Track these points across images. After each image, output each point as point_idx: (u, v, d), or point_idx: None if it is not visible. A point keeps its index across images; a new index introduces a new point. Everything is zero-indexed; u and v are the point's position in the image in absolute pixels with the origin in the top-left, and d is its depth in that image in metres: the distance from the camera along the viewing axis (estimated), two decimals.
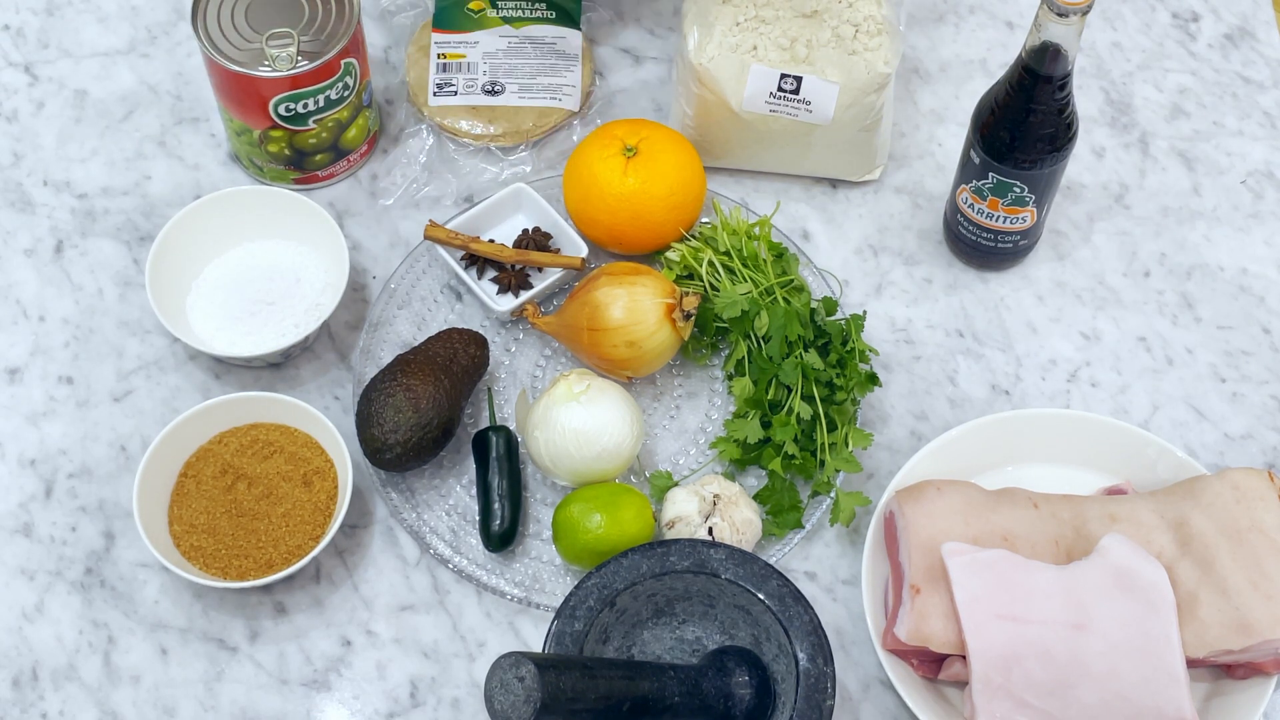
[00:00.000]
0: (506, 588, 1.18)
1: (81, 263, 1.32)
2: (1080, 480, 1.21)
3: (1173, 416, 1.28)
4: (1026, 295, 1.33)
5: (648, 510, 1.17)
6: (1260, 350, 1.31)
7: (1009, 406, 1.27)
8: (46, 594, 1.18)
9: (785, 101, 1.28)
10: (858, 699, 1.15)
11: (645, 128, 1.28)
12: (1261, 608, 1.09)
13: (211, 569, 1.16)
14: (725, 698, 1.05)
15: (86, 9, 1.45)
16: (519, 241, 1.30)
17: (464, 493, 1.22)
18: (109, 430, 1.24)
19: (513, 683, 0.92)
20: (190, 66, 1.42)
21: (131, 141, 1.38)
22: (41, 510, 1.21)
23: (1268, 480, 1.15)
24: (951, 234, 1.32)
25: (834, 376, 1.21)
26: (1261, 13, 1.48)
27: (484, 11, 1.41)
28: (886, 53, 1.27)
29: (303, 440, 1.21)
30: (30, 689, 1.15)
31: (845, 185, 1.37)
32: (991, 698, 1.07)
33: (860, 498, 1.18)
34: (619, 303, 1.20)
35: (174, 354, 1.28)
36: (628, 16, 1.46)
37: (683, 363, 1.28)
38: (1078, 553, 1.13)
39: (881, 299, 1.32)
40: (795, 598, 1.06)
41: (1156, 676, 1.08)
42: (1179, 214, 1.37)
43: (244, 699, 1.14)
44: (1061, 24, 1.11)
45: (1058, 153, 1.21)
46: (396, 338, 1.28)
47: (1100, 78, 1.44)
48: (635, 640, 1.11)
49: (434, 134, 1.37)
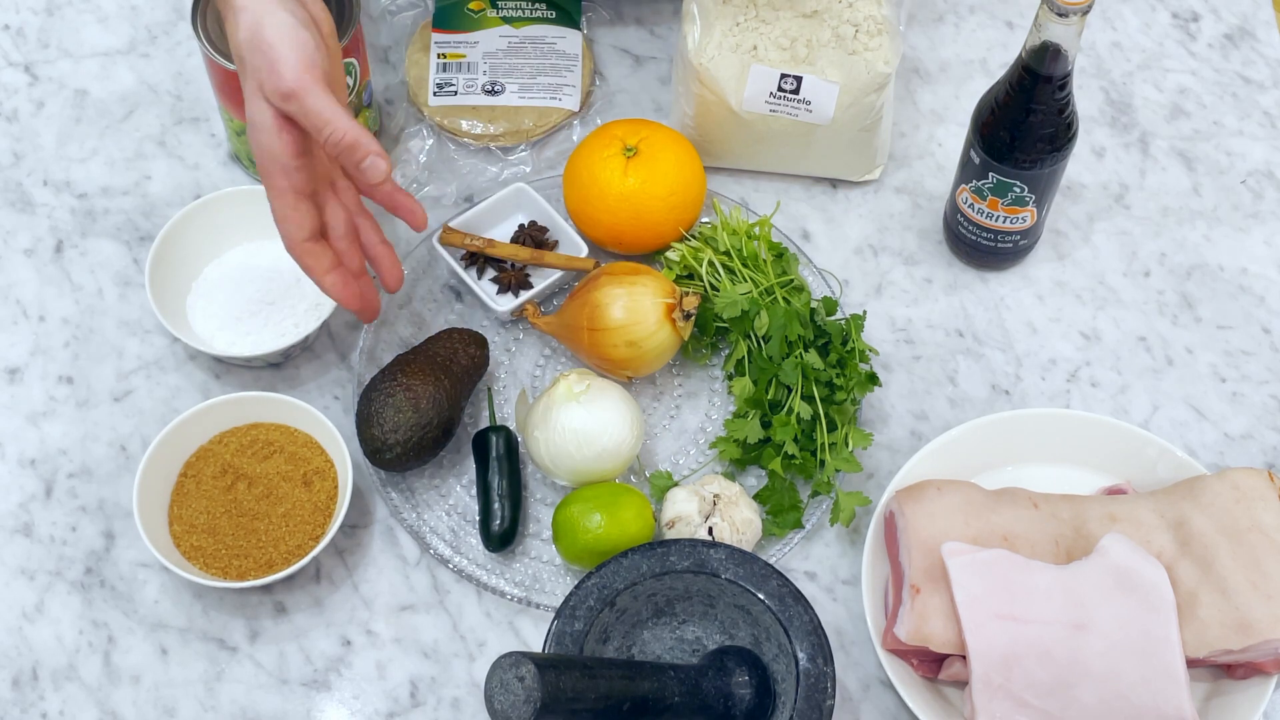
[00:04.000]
0: (506, 588, 1.18)
1: (81, 263, 1.32)
2: (1080, 480, 1.21)
3: (1173, 416, 1.28)
4: (1026, 295, 1.33)
5: (648, 510, 1.17)
6: (1260, 350, 1.31)
7: (1009, 406, 1.27)
8: (46, 594, 1.18)
9: (785, 101, 1.28)
10: (858, 699, 1.15)
11: (645, 128, 1.28)
12: (1261, 607, 1.09)
13: (211, 569, 1.16)
14: (725, 698, 1.05)
15: (86, 9, 1.46)
16: (515, 238, 1.30)
17: (464, 493, 1.22)
18: (109, 430, 1.24)
19: (513, 683, 0.92)
20: (190, 66, 1.42)
21: (131, 141, 1.38)
22: (41, 510, 1.21)
23: (1268, 480, 1.15)
24: (951, 234, 1.32)
25: (834, 376, 1.21)
26: (1261, 13, 1.48)
27: (484, 11, 1.41)
28: (886, 53, 1.27)
29: (303, 440, 1.21)
30: (30, 689, 1.15)
31: (845, 185, 1.38)
32: (991, 698, 1.07)
33: (860, 498, 1.18)
34: (619, 303, 1.20)
35: (174, 354, 1.28)
36: (628, 16, 1.46)
37: (683, 363, 1.28)
38: (1078, 553, 1.13)
39: (881, 299, 1.32)
40: (795, 598, 1.06)
41: (1156, 676, 1.08)
42: (1179, 214, 1.37)
43: (244, 699, 1.15)
44: (1061, 24, 1.11)
45: (1058, 153, 1.21)
46: (396, 338, 1.28)
47: (1100, 78, 1.44)
48: (635, 640, 1.11)
49: (434, 134, 1.37)
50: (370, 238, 1.16)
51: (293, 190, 1.08)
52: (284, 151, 1.06)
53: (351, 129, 1.05)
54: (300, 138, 1.07)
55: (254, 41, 1.05)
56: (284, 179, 1.08)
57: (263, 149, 1.07)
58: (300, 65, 1.04)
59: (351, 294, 1.13)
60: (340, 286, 1.12)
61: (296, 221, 1.09)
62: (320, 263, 1.11)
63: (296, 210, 1.09)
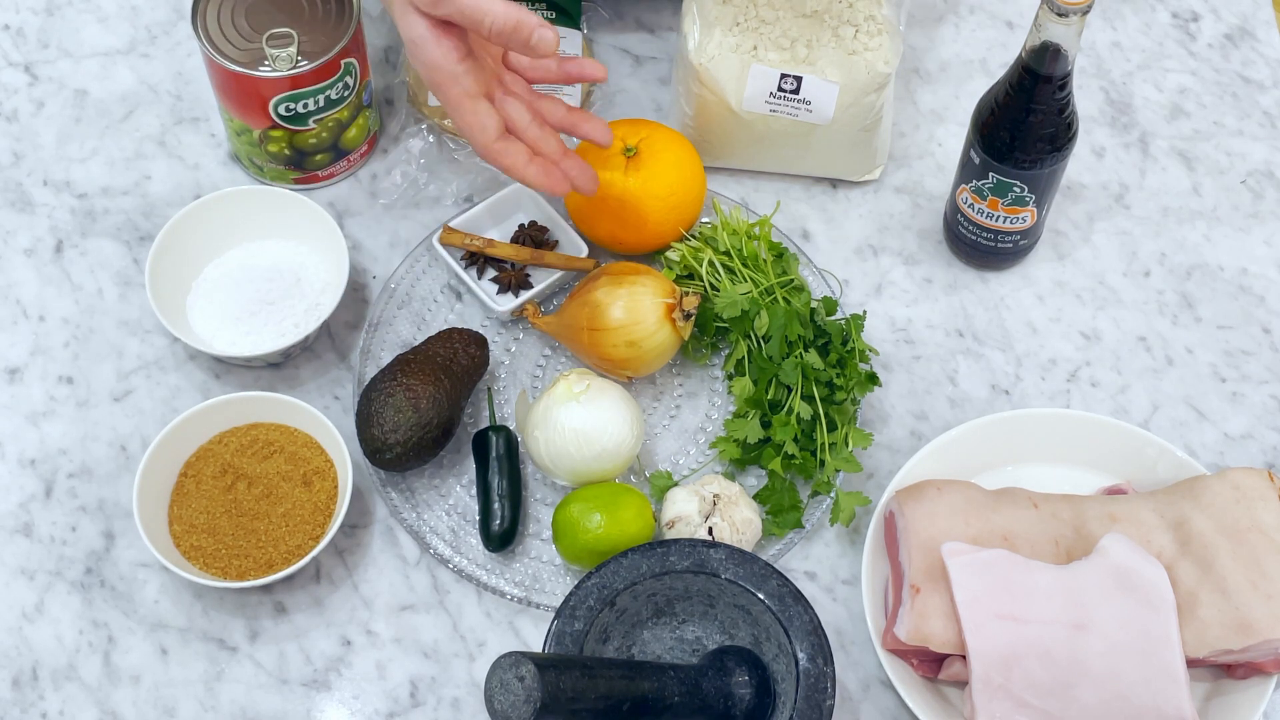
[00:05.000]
0: (506, 588, 1.18)
1: (81, 263, 1.32)
2: (1080, 480, 1.21)
3: (1173, 416, 1.28)
4: (1026, 295, 1.33)
5: (648, 510, 1.17)
6: (1260, 350, 1.31)
7: (1009, 406, 1.27)
8: (46, 594, 1.18)
9: (785, 101, 1.28)
10: (858, 699, 1.15)
11: (645, 128, 1.28)
12: (1261, 607, 1.09)
13: (211, 569, 1.16)
14: (725, 698, 1.05)
15: (86, 9, 1.46)
16: (515, 238, 1.30)
17: (464, 493, 1.22)
18: (109, 430, 1.24)
19: (513, 682, 0.92)
20: (190, 66, 1.42)
21: (131, 141, 1.38)
22: (41, 510, 1.21)
23: (1268, 480, 1.15)
24: (951, 234, 1.32)
25: (834, 376, 1.21)
26: (1261, 13, 1.48)
27: None
28: (886, 53, 1.27)
29: (303, 440, 1.21)
30: (30, 689, 1.15)
31: (845, 185, 1.38)
32: (991, 698, 1.07)
33: (860, 498, 1.18)
34: (619, 303, 1.20)
35: (174, 354, 1.28)
36: (628, 16, 1.46)
37: (683, 363, 1.28)
38: (1078, 553, 1.13)
39: (881, 299, 1.32)
40: (795, 597, 1.06)
41: (1156, 676, 1.08)
42: (1179, 214, 1.37)
43: (244, 699, 1.14)
44: (1061, 24, 1.11)
45: (1058, 153, 1.21)
46: (396, 338, 1.28)
47: (1100, 78, 1.44)
48: (635, 640, 1.11)
49: (434, 134, 1.37)
50: (557, 114, 1.18)
51: (467, 96, 1.10)
52: (448, 59, 1.08)
53: (510, 10, 1.06)
54: (460, 42, 1.09)
55: None
56: (455, 86, 1.10)
57: (428, 63, 1.09)
58: None
59: (557, 179, 1.15)
60: (543, 175, 1.14)
61: (480, 124, 1.11)
62: (517, 159, 1.13)
63: (476, 114, 1.11)
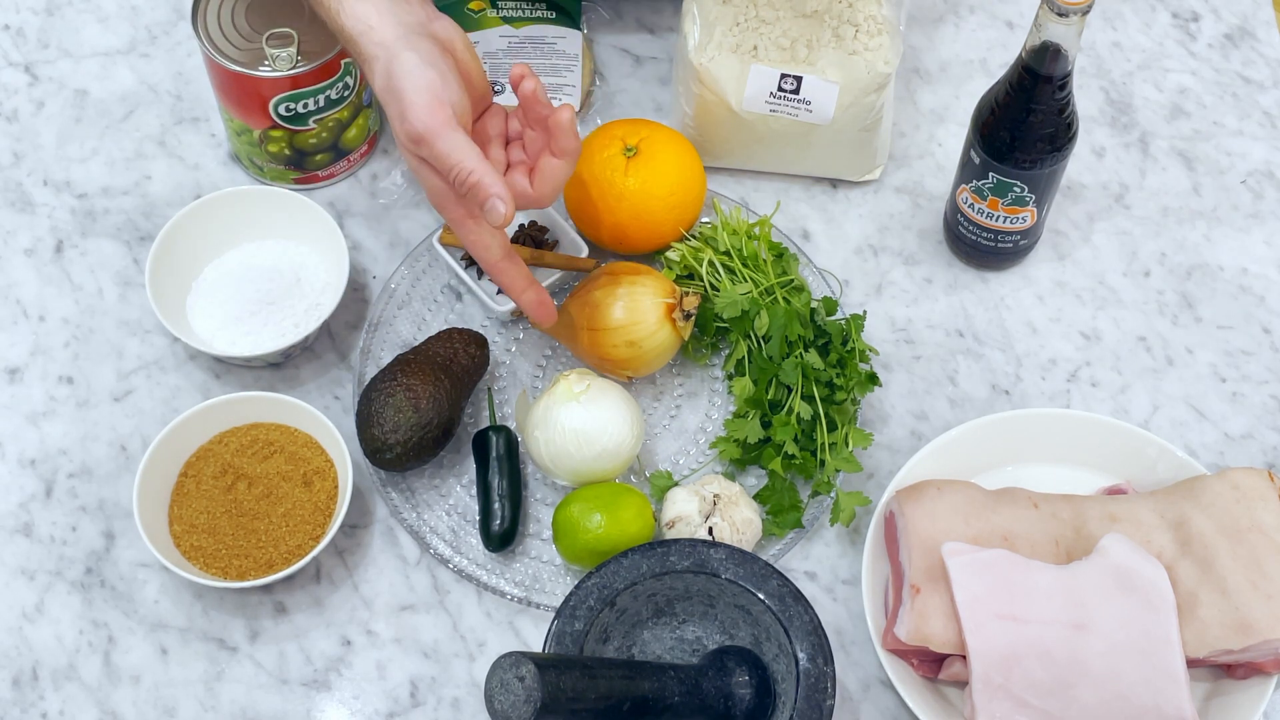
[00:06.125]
0: (506, 588, 1.18)
1: (81, 263, 1.32)
2: (1080, 480, 1.21)
3: (1173, 416, 1.28)
4: (1026, 295, 1.33)
5: (648, 510, 1.17)
6: (1260, 350, 1.31)
7: (1009, 406, 1.27)
8: (46, 594, 1.18)
9: (785, 101, 1.28)
10: (858, 699, 1.15)
11: (645, 128, 1.28)
12: (1261, 607, 1.09)
13: (211, 569, 1.16)
14: (725, 698, 1.05)
15: (86, 9, 1.46)
16: (515, 238, 1.30)
17: (464, 493, 1.22)
18: (109, 430, 1.24)
19: (513, 682, 0.92)
20: (190, 66, 1.42)
21: (131, 141, 1.38)
22: (41, 510, 1.21)
23: (1268, 480, 1.15)
24: (951, 234, 1.32)
25: (834, 376, 1.21)
26: (1261, 13, 1.48)
27: (484, 11, 1.41)
28: (886, 53, 1.27)
29: (303, 440, 1.21)
30: (30, 689, 1.15)
31: (845, 185, 1.38)
32: (991, 698, 1.07)
33: (860, 498, 1.18)
34: (619, 303, 1.20)
35: (174, 354, 1.28)
36: (628, 16, 1.46)
37: (683, 363, 1.28)
38: (1078, 553, 1.13)
39: (881, 299, 1.32)
40: (795, 597, 1.06)
41: (1156, 676, 1.08)
42: (1179, 214, 1.37)
43: (244, 699, 1.14)
44: (1061, 24, 1.11)
45: (1058, 153, 1.21)
46: (396, 338, 1.28)
47: (1100, 78, 1.44)
48: (635, 640, 1.11)
49: None
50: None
51: (470, 216, 1.13)
52: (444, 186, 1.11)
53: (475, 171, 1.07)
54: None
55: (387, 88, 1.09)
56: (457, 208, 1.12)
57: (428, 188, 1.12)
58: (426, 109, 1.07)
59: (545, 314, 1.18)
60: (535, 306, 1.17)
61: (484, 244, 1.14)
62: (515, 281, 1.16)
63: (479, 234, 1.14)
